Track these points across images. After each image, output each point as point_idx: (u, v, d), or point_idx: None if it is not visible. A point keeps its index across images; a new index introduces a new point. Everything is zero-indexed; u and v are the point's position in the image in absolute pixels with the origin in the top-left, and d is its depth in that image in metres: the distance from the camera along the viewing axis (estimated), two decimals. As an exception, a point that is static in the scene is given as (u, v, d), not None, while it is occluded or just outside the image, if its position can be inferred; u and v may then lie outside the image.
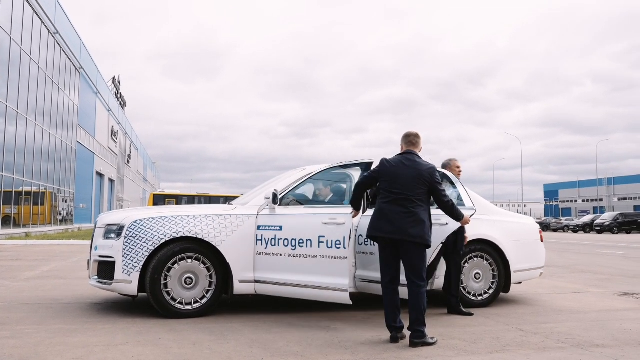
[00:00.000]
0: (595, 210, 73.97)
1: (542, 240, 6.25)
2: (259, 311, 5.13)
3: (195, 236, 4.72)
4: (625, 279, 8.49)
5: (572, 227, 41.91)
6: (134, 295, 4.77)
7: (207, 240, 4.74)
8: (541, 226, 6.63)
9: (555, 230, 43.59)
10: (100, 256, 4.80)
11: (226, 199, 28.07)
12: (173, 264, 4.68)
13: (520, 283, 6.37)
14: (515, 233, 5.90)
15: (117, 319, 4.64)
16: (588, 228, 39.99)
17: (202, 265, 4.78)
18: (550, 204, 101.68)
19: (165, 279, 4.64)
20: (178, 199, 33.55)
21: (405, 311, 4.02)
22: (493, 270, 5.66)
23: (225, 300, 5.11)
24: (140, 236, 4.64)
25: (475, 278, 5.59)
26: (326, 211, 4.76)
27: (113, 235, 4.77)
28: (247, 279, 4.84)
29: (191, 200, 33.51)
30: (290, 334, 4.20)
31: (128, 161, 53.37)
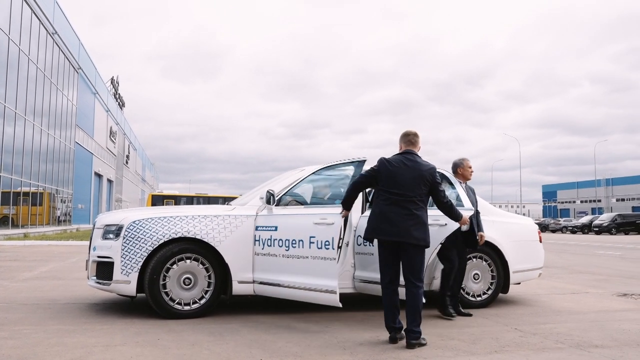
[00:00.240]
0: (593, 211, 74.04)
1: (541, 241, 6.26)
2: (257, 312, 5.12)
3: (194, 237, 4.72)
4: (623, 280, 8.50)
5: (571, 228, 41.98)
6: (132, 296, 4.76)
7: (206, 240, 4.74)
8: (539, 227, 6.64)
9: (553, 231, 43.65)
10: (98, 257, 4.80)
11: (225, 200, 28.04)
12: (172, 265, 4.68)
13: (519, 284, 6.37)
14: (514, 234, 5.91)
15: (116, 319, 4.64)
16: (586, 229, 40.03)
17: (201, 265, 4.78)
18: (549, 204, 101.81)
19: (164, 280, 4.63)
20: (176, 200, 33.45)
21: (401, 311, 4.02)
22: (492, 270, 5.67)
23: (224, 301, 5.10)
24: (139, 237, 4.64)
25: (474, 279, 5.59)
26: (317, 211, 4.67)
27: (112, 235, 4.76)
28: (246, 279, 4.84)
29: (190, 200, 33.43)
30: (289, 335, 4.20)
31: (126, 162, 53.32)
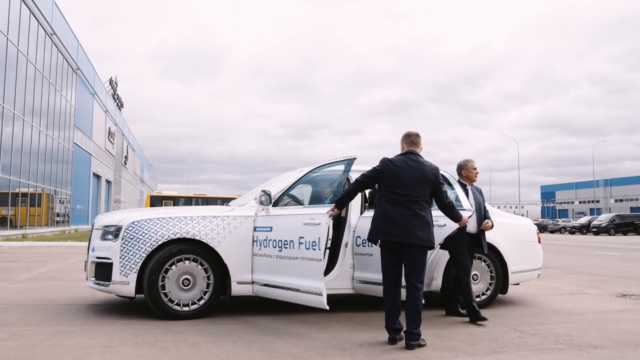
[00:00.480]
0: (592, 211, 74.11)
1: (540, 242, 6.27)
2: (256, 312, 5.12)
3: (192, 237, 4.71)
4: (622, 280, 8.51)
5: (569, 229, 41.99)
6: (131, 297, 4.76)
7: (205, 241, 4.73)
8: (538, 227, 6.63)
9: (552, 232, 43.66)
10: (97, 257, 4.79)
11: (223, 201, 28.00)
12: (171, 265, 4.67)
13: (518, 284, 6.38)
14: (513, 234, 5.90)
15: (115, 320, 4.63)
16: (585, 229, 40.06)
17: (200, 266, 4.77)
18: (547, 205, 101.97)
19: (163, 281, 4.63)
20: (175, 201, 33.42)
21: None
22: (491, 271, 5.67)
23: (223, 302, 5.09)
24: (138, 237, 4.63)
25: (473, 279, 5.58)
26: (307, 211, 4.63)
27: (110, 236, 4.76)
28: (245, 280, 4.83)
29: (188, 201, 33.37)
30: (288, 336, 4.19)
31: (125, 162, 53.27)
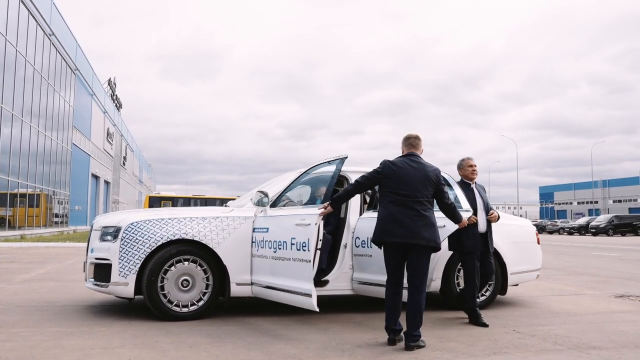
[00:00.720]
0: (590, 212, 74.28)
1: (539, 243, 6.27)
2: (256, 313, 5.11)
3: (192, 238, 4.71)
4: (621, 281, 8.52)
5: (568, 229, 42.04)
6: (130, 298, 4.75)
7: (204, 242, 4.73)
8: (537, 228, 6.63)
9: (550, 233, 43.71)
10: (96, 258, 4.78)
11: (222, 201, 27.98)
12: (170, 267, 4.66)
13: (517, 285, 6.38)
14: (512, 235, 5.90)
15: (114, 321, 4.62)
16: (583, 230, 40.12)
17: (199, 267, 4.76)
18: (546, 206, 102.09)
19: (162, 282, 4.62)
20: (174, 201, 33.40)
21: (403, 312, 4.02)
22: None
23: (222, 303, 5.09)
24: (137, 238, 4.62)
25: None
26: (299, 212, 4.61)
27: (109, 237, 4.75)
28: (244, 281, 4.83)
29: (187, 202, 33.34)
30: (287, 337, 4.19)
31: (124, 163, 53.24)
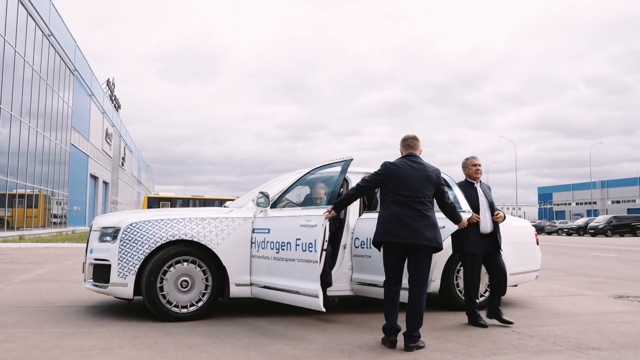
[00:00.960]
0: (589, 213, 74.28)
1: (538, 243, 6.27)
2: (255, 314, 5.11)
3: (191, 239, 4.70)
4: (620, 282, 8.53)
5: (566, 230, 42.09)
6: (129, 299, 4.75)
7: (203, 243, 4.73)
8: (535, 229, 6.64)
9: (549, 233, 43.74)
10: (95, 259, 4.78)
11: (221, 202, 27.97)
12: (169, 267, 4.66)
13: (516, 286, 6.38)
14: (511, 236, 5.89)
15: (113, 322, 4.62)
16: (582, 231, 40.16)
17: (198, 268, 4.76)
18: (545, 206, 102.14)
19: (161, 282, 4.62)
20: (173, 202, 33.40)
21: (401, 313, 4.01)
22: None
23: (221, 304, 5.08)
24: (136, 239, 4.62)
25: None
26: (304, 213, 4.60)
27: (109, 238, 4.74)
28: (243, 282, 4.83)
29: (186, 203, 33.32)
30: (287, 337, 4.19)
31: (122, 164, 53.20)
